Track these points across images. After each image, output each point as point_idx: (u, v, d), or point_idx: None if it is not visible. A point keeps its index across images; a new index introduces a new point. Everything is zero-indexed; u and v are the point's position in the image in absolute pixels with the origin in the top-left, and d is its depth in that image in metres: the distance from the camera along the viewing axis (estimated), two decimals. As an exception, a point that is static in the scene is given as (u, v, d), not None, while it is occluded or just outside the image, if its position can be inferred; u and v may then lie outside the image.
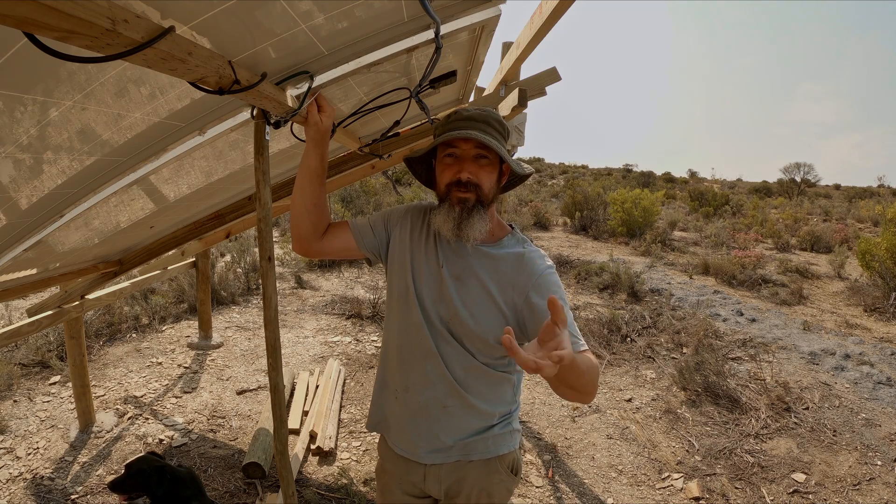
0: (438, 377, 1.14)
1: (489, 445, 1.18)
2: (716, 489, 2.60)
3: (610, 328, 4.67)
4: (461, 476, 1.19)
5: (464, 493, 1.19)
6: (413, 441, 1.19)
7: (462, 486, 1.19)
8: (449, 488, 1.20)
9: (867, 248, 6.50)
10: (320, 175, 1.21)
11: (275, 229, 9.06)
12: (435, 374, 1.14)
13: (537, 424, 3.19)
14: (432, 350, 1.13)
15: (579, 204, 11.68)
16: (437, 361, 1.13)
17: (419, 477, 1.22)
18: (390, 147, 2.40)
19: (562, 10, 1.16)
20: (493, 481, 1.19)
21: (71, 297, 2.47)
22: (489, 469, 1.19)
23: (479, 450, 1.18)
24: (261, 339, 4.26)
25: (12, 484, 2.33)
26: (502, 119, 1.14)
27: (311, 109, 1.17)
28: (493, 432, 1.18)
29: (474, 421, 1.16)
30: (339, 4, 0.91)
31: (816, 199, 24.15)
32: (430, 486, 1.22)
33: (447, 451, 1.18)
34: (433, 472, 1.20)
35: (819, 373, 4.04)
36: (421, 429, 1.17)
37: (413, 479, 1.23)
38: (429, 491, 1.23)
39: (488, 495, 1.20)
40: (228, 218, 2.45)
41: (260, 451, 2.51)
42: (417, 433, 1.18)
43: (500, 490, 1.21)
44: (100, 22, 0.53)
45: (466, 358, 1.13)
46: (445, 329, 1.13)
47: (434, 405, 1.15)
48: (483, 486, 1.19)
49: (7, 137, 0.88)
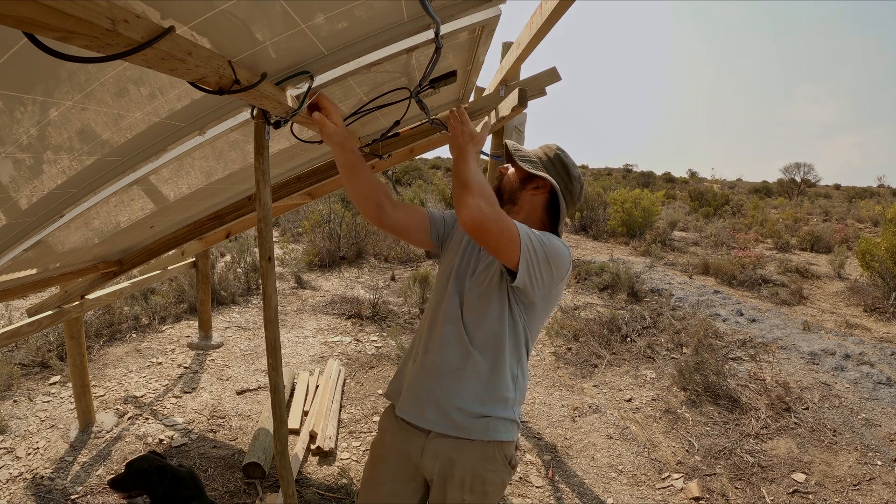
0: (456, 339, 1.24)
1: (490, 428, 1.21)
2: (716, 489, 2.60)
3: (610, 328, 4.67)
4: (457, 456, 1.21)
5: (457, 475, 1.20)
6: (421, 401, 1.25)
7: (455, 468, 1.20)
8: (443, 467, 1.22)
9: (867, 248, 6.50)
10: (358, 165, 1.30)
11: (275, 229, 9.06)
12: (453, 336, 1.24)
13: (537, 424, 3.19)
14: (453, 314, 1.26)
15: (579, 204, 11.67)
16: (458, 326, 1.25)
17: (417, 450, 1.25)
18: (390, 147, 2.40)
19: (562, 10, 1.16)
20: (487, 467, 1.21)
21: (71, 297, 2.47)
22: (486, 454, 1.21)
23: (479, 430, 1.21)
24: (261, 339, 4.26)
25: (12, 484, 2.33)
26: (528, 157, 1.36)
27: (321, 121, 1.24)
28: (496, 415, 1.22)
29: (482, 391, 1.22)
30: (339, 4, 0.91)
31: (816, 199, 24.16)
32: (425, 462, 1.24)
33: (451, 420, 1.21)
34: (432, 445, 1.23)
35: (819, 373, 4.04)
36: (431, 389, 1.24)
37: (411, 452, 1.26)
38: (423, 467, 1.25)
39: (482, 482, 1.21)
40: (228, 218, 2.45)
41: (260, 451, 2.51)
42: (427, 393, 1.24)
43: (495, 479, 1.23)
44: (100, 22, 0.53)
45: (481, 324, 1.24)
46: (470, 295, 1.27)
47: (448, 366, 1.23)
48: (477, 471, 1.21)
49: (7, 137, 0.88)
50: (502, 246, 1.11)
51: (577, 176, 1.33)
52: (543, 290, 1.20)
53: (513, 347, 1.24)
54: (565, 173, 1.32)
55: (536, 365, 4.09)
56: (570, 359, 4.20)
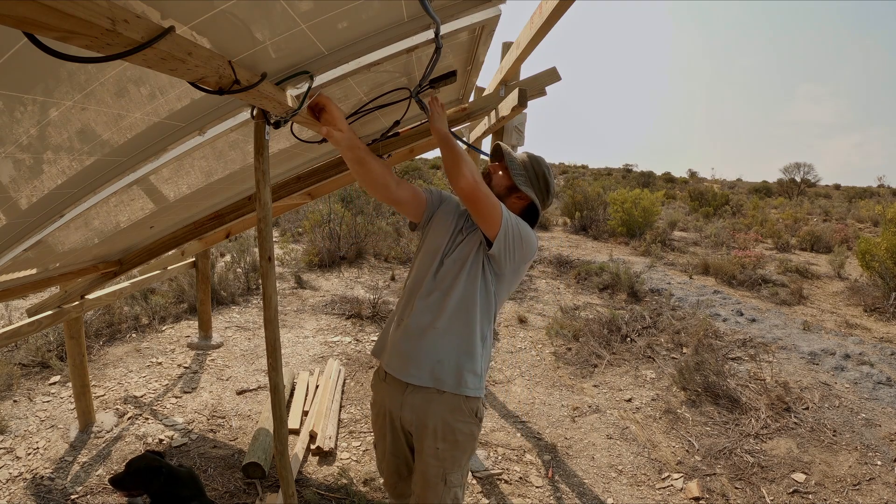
0: (435, 304, 1.43)
1: (461, 381, 1.40)
2: (716, 489, 2.60)
3: (610, 328, 4.67)
4: (429, 408, 1.40)
5: (430, 425, 1.40)
6: (402, 357, 1.43)
7: (428, 418, 1.40)
8: (418, 419, 1.41)
9: (867, 248, 6.50)
10: (365, 158, 1.41)
11: (275, 229, 9.06)
12: (435, 304, 1.43)
13: (537, 424, 3.19)
14: (434, 288, 1.44)
15: (579, 204, 11.68)
16: (436, 295, 1.43)
17: (398, 405, 1.45)
18: (390, 147, 2.40)
19: (562, 10, 1.16)
20: (456, 418, 1.40)
21: (71, 297, 2.47)
22: (454, 406, 1.40)
23: (451, 382, 1.39)
24: (261, 339, 4.26)
25: (12, 484, 2.33)
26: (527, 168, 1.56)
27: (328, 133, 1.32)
28: (467, 368, 1.41)
29: (455, 346, 1.41)
30: (339, 4, 0.91)
31: (816, 199, 24.16)
32: (405, 415, 1.44)
33: (429, 372, 1.40)
34: (409, 399, 1.42)
35: (819, 373, 4.04)
36: (412, 347, 1.42)
37: (393, 408, 1.47)
38: (404, 420, 1.46)
39: (452, 431, 1.40)
40: (228, 218, 2.45)
41: (260, 451, 2.51)
42: (408, 350, 1.42)
43: (464, 429, 1.42)
44: (100, 22, 0.53)
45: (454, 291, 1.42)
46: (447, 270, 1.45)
47: (427, 327, 1.42)
48: (447, 421, 1.40)
49: (7, 137, 0.88)
50: (487, 214, 1.33)
51: (554, 192, 1.60)
52: (513, 264, 1.42)
53: (483, 310, 1.44)
54: (545, 191, 1.56)
55: (536, 365, 4.09)
56: (570, 359, 4.20)
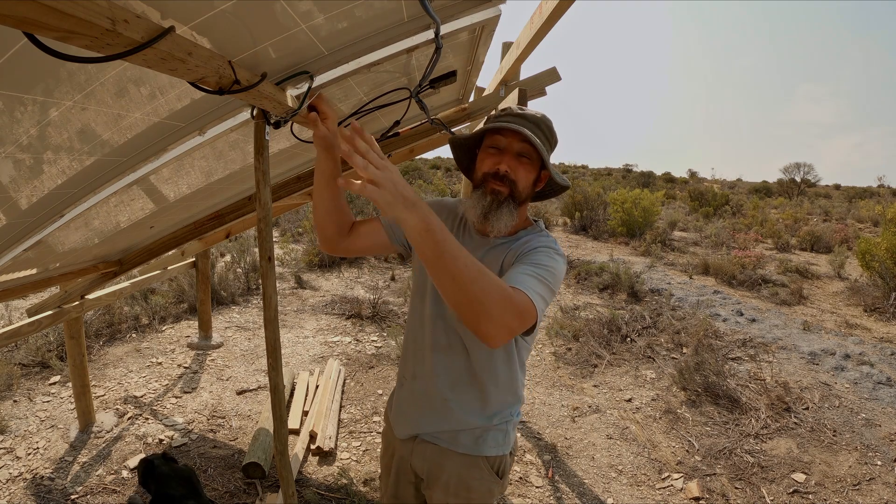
0: (443, 370, 1.18)
1: (478, 443, 1.19)
2: (716, 489, 2.60)
3: (610, 328, 4.67)
4: (443, 462, 1.21)
5: (443, 479, 1.20)
6: (410, 423, 1.25)
7: (441, 473, 1.21)
8: (430, 471, 1.23)
9: (867, 248, 6.50)
10: (336, 177, 1.18)
11: (275, 229, 9.06)
12: (441, 366, 1.19)
13: (537, 424, 3.19)
14: (441, 343, 1.18)
15: (579, 204, 11.68)
16: (444, 355, 1.18)
17: (408, 449, 1.26)
18: (390, 147, 2.40)
19: (562, 10, 1.16)
20: (472, 475, 1.20)
21: (71, 297, 2.47)
22: (470, 463, 1.20)
23: (466, 444, 1.19)
24: (261, 339, 4.26)
25: (12, 484, 2.33)
26: (553, 128, 1.16)
27: (314, 121, 1.14)
28: (488, 433, 1.20)
29: (471, 418, 1.19)
30: (339, 4, 0.91)
31: (816, 199, 24.16)
32: (415, 462, 1.26)
33: (438, 434, 1.21)
34: (420, 448, 1.24)
35: (819, 373, 4.04)
36: (420, 414, 1.22)
37: (404, 452, 1.28)
38: (415, 466, 1.27)
39: (467, 489, 1.20)
40: (228, 218, 2.45)
41: (260, 451, 2.51)
42: (416, 417, 1.23)
43: (480, 487, 1.21)
44: (100, 22, 0.53)
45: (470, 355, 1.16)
46: (454, 322, 1.16)
47: (436, 396, 1.19)
48: (462, 478, 1.20)
49: (7, 137, 0.88)
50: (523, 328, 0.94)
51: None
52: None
53: (505, 356, 1.18)
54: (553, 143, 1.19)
55: (536, 365, 4.09)
56: (570, 359, 4.20)
